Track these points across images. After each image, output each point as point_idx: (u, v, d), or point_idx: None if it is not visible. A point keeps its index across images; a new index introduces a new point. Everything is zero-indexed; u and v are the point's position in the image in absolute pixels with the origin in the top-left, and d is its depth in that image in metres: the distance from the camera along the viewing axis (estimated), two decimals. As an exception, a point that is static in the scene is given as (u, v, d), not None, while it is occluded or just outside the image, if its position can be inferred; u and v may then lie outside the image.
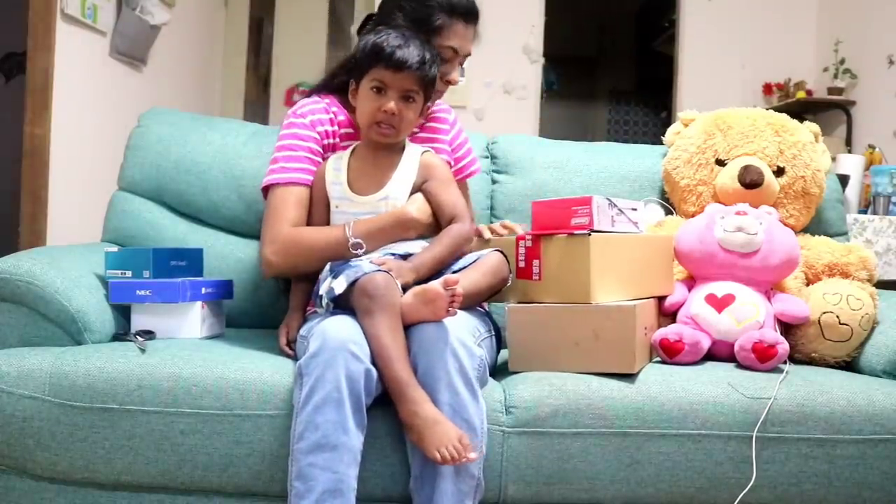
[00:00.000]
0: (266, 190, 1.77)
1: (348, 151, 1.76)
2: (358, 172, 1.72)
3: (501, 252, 1.70)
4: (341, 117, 1.81)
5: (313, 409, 1.40)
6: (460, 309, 1.53)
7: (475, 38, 1.85)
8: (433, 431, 1.39)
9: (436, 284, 1.47)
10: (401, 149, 1.74)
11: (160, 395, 1.54)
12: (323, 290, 1.57)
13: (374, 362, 1.45)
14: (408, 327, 1.49)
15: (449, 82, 1.82)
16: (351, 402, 1.41)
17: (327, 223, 1.73)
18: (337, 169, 1.73)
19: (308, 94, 1.86)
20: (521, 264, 1.69)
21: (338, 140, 1.81)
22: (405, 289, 1.52)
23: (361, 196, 1.70)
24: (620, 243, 1.71)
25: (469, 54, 1.84)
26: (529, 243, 1.68)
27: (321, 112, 1.80)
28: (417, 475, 1.46)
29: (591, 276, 1.60)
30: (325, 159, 1.78)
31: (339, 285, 1.51)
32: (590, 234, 1.60)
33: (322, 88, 1.85)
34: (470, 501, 1.45)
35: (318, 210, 1.74)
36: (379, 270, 1.51)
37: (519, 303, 1.69)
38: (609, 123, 8.18)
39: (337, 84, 1.83)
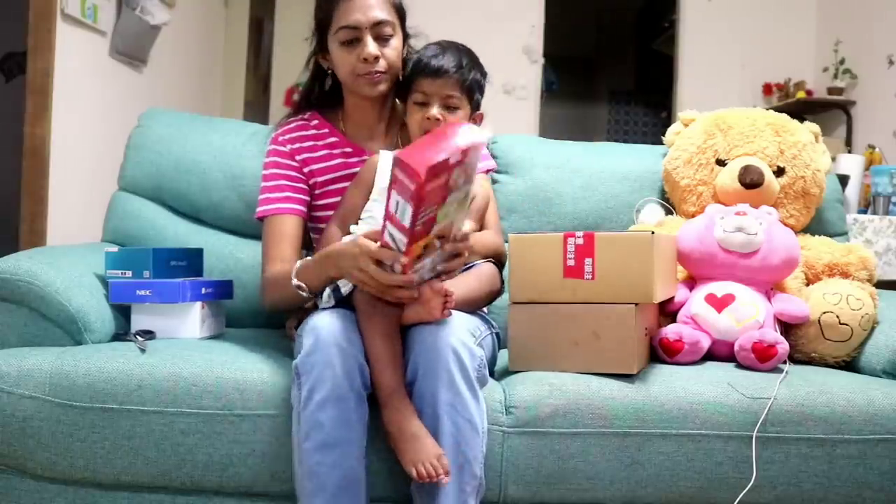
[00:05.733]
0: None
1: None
2: None
3: (494, 262, 1.72)
4: (324, 130, 1.84)
5: (316, 407, 1.41)
6: (459, 311, 1.54)
7: (386, 2, 1.74)
8: (412, 446, 1.41)
9: (424, 287, 1.47)
10: None
11: (160, 395, 1.55)
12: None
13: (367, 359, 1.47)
14: (409, 327, 1.50)
15: (366, 59, 1.71)
16: (352, 396, 1.42)
17: (360, 209, 1.72)
18: (390, 160, 1.73)
19: (293, 112, 1.88)
20: (571, 263, 1.63)
21: (324, 153, 1.83)
22: None
23: None
24: (666, 242, 1.74)
25: (378, 22, 1.71)
26: (581, 241, 1.63)
27: (300, 140, 1.83)
28: None
29: (654, 275, 1.60)
30: (309, 185, 1.82)
31: (345, 285, 1.53)
32: (653, 234, 1.60)
33: (303, 107, 1.89)
34: (472, 501, 1.46)
35: (356, 194, 1.73)
36: None
37: (567, 303, 1.64)
38: (609, 123, 8.18)
39: (315, 99, 1.88)
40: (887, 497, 1.59)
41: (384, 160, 1.73)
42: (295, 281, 1.60)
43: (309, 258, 1.64)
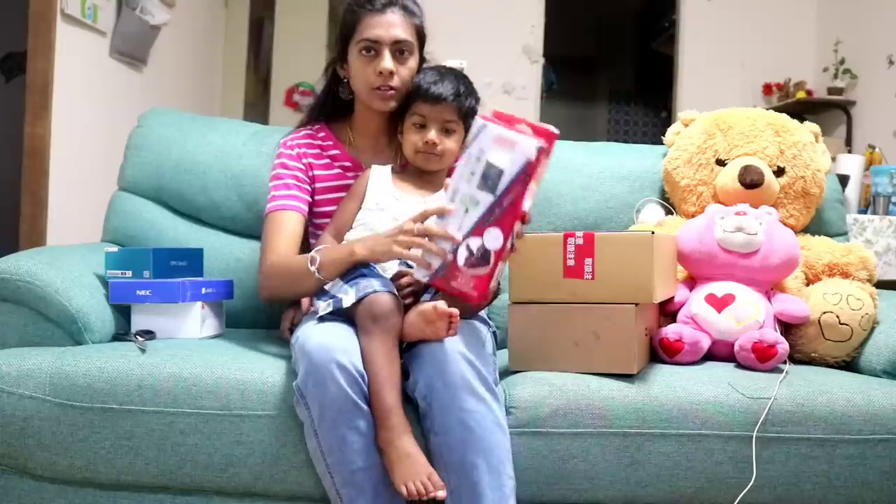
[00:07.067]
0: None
1: (389, 167, 1.82)
2: (403, 182, 1.79)
3: None
4: (329, 143, 1.88)
5: (332, 425, 1.43)
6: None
7: (409, 24, 1.79)
8: (403, 464, 1.42)
9: (430, 307, 1.48)
10: (444, 178, 1.76)
11: (160, 395, 1.55)
12: (328, 287, 1.59)
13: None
14: (415, 343, 1.51)
15: (381, 73, 1.76)
16: (360, 406, 1.44)
17: (353, 219, 1.77)
18: (381, 174, 1.79)
19: (305, 120, 1.93)
20: (571, 262, 1.63)
21: (326, 161, 1.87)
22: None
23: (406, 194, 1.75)
24: (666, 242, 1.74)
25: (398, 40, 1.76)
26: (581, 241, 1.63)
27: (307, 147, 1.87)
28: (454, 489, 1.45)
29: (654, 275, 1.60)
30: (313, 190, 1.85)
31: (348, 299, 1.52)
32: (653, 234, 1.61)
33: (315, 115, 1.93)
34: (512, 502, 1.46)
35: (351, 205, 1.78)
36: (388, 291, 1.51)
37: (567, 303, 1.64)
38: (609, 123, 8.18)
39: (330, 108, 1.91)
40: (887, 497, 1.59)
41: (375, 174, 1.79)
42: (312, 252, 1.62)
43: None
